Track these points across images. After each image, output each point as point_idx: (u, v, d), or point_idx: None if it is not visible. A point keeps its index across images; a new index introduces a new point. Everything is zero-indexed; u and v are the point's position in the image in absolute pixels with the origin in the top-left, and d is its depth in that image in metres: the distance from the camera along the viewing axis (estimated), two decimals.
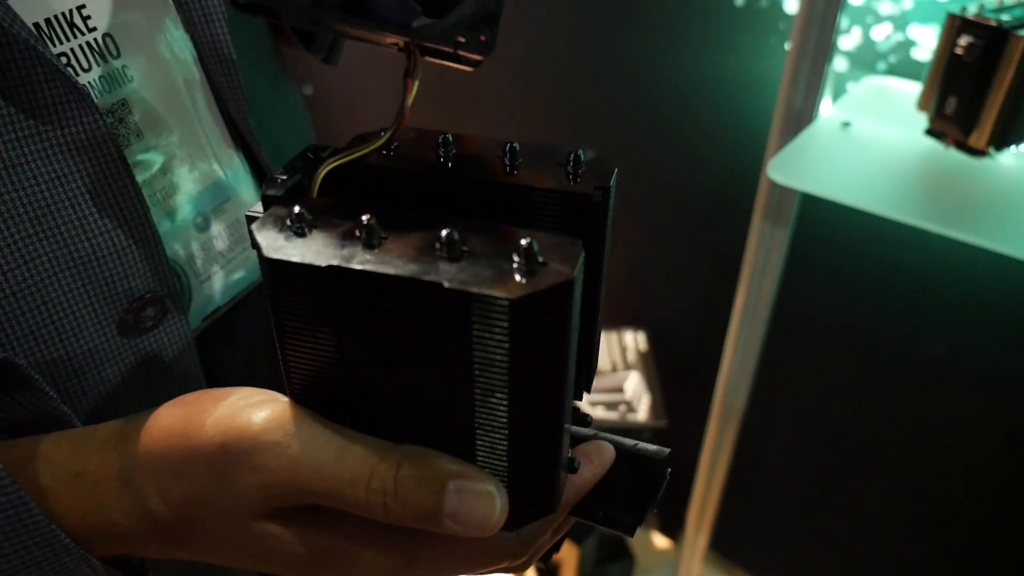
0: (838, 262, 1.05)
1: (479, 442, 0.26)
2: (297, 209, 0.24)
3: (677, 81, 1.12)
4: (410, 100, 0.29)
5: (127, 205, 0.34)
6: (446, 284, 0.22)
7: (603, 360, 1.33)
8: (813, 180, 0.69)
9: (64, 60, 0.32)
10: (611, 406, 1.25)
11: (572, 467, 0.31)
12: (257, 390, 0.28)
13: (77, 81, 0.31)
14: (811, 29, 0.74)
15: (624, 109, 1.24)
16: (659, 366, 1.33)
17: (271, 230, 0.25)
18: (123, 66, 0.34)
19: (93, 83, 0.33)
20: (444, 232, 0.23)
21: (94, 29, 0.33)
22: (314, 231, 0.25)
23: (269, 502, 0.27)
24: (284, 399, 0.28)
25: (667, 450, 0.34)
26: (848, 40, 0.95)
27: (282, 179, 0.28)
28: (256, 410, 0.27)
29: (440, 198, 0.29)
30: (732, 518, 1.35)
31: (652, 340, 1.37)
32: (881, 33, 0.92)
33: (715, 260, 1.21)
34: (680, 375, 1.36)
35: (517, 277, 0.22)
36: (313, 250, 0.24)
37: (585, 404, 1.27)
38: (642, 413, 1.23)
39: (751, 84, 1.01)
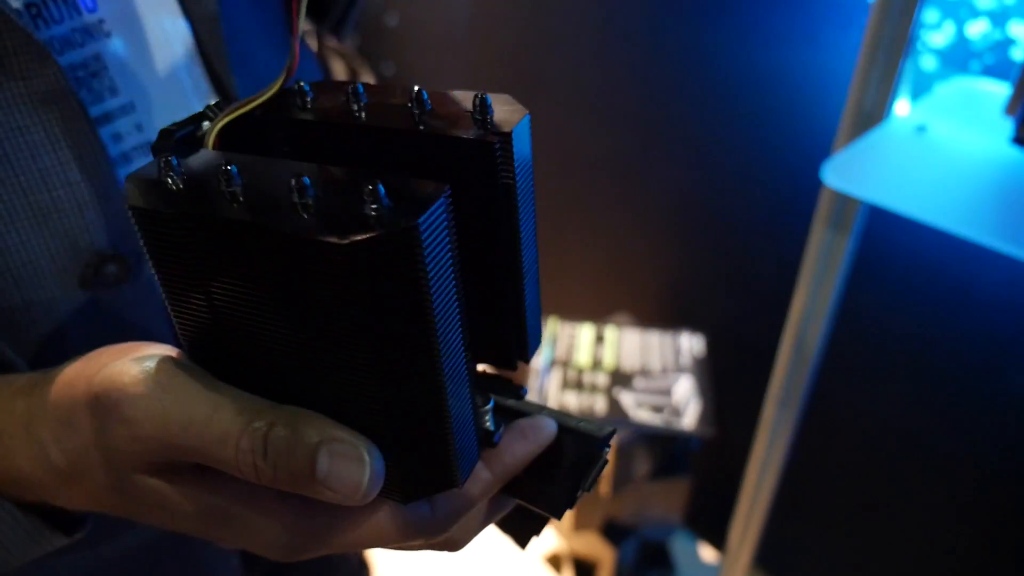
0: (909, 279, 0.97)
1: (359, 406, 0.25)
2: (169, 160, 0.24)
3: (747, 73, 1.06)
4: (296, 43, 0.27)
5: (90, 160, 0.34)
6: (286, 230, 0.21)
7: (654, 360, 1.29)
8: (871, 186, 0.64)
9: (33, 11, 0.32)
10: (656, 409, 1.20)
11: (491, 441, 0.30)
12: (158, 345, 0.28)
13: (33, 34, 0.30)
14: (888, 21, 0.68)
15: (688, 100, 1.19)
16: (714, 372, 1.28)
17: (143, 180, 0.24)
18: (99, 20, 0.34)
19: (67, 36, 0.33)
20: (294, 179, 0.22)
21: None
22: (186, 182, 0.24)
23: (144, 456, 0.26)
24: (173, 352, 0.27)
25: (610, 429, 0.32)
26: (939, 36, 0.87)
27: (177, 132, 0.27)
28: (136, 362, 0.26)
29: (350, 149, 0.28)
30: (779, 534, 1.29)
31: (710, 344, 1.31)
32: (977, 30, 0.84)
33: (777, 265, 1.14)
34: (735, 383, 1.30)
35: (361, 223, 0.21)
36: (172, 199, 0.23)
37: (630, 405, 1.24)
38: (689, 419, 1.19)
39: (824, 80, 0.94)
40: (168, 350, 0.28)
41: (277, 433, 0.24)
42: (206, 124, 0.28)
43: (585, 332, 1.36)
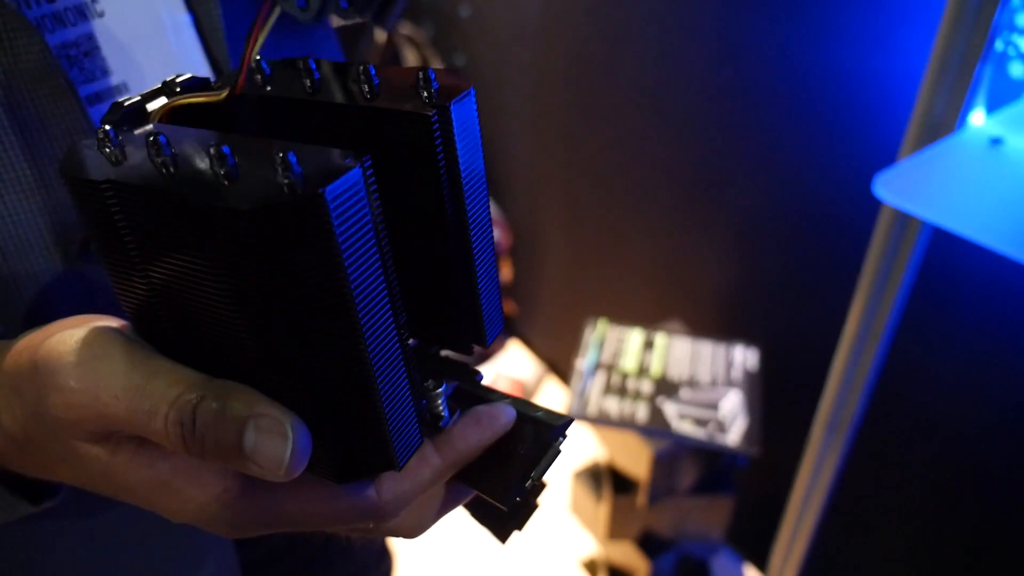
0: (976, 303, 0.90)
1: (286, 383, 0.25)
2: (107, 130, 0.24)
3: (815, 76, 1.01)
4: (253, 52, 0.27)
5: (78, 137, 0.34)
6: (189, 198, 0.22)
7: (703, 372, 1.24)
8: (927, 202, 0.59)
9: None
10: (700, 422, 1.16)
11: (437, 425, 0.29)
12: (109, 317, 0.28)
13: (18, 11, 0.31)
14: (962, 22, 0.62)
15: (754, 104, 1.13)
16: (767, 389, 1.22)
17: (83, 151, 0.25)
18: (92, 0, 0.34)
19: (58, 14, 0.33)
20: (213, 148, 0.22)
21: None
22: (120, 149, 0.24)
23: (81, 424, 0.26)
24: (116, 324, 0.27)
25: (567, 418, 0.31)
26: None
27: (124, 107, 0.27)
28: (75, 331, 0.26)
29: (300, 125, 0.28)
30: (823, 559, 1.23)
31: (764, 359, 1.26)
32: None
33: (840, 281, 1.08)
34: (787, 402, 1.25)
35: (268, 191, 0.21)
36: (105, 166, 0.24)
37: (673, 416, 1.20)
38: (733, 435, 1.14)
39: (896, 86, 0.88)
40: (115, 322, 0.28)
41: (206, 406, 0.24)
42: (163, 99, 0.28)
43: (634, 337, 1.32)
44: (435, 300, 0.30)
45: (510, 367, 1.96)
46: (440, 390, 0.30)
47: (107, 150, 0.24)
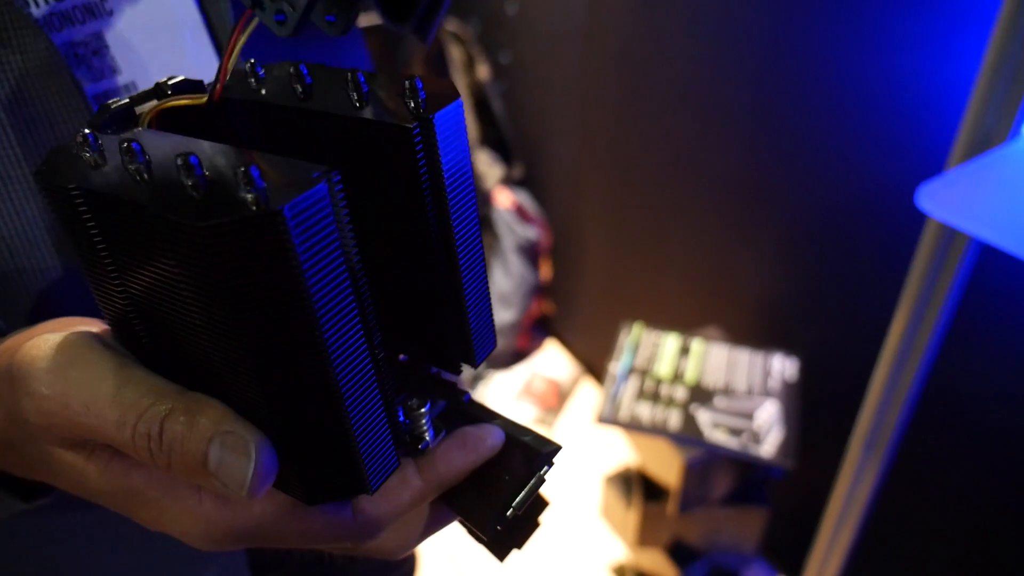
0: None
1: (253, 401, 0.24)
2: (86, 134, 0.23)
3: (863, 83, 0.97)
4: (230, 61, 0.27)
5: None
6: (149, 208, 0.21)
7: (739, 380, 1.21)
8: (973, 215, 0.55)
9: None
10: (734, 432, 1.13)
11: (417, 448, 0.28)
12: (92, 321, 0.28)
13: (23, 10, 0.31)
14: (1018, 28, 0.59)
15: (801, 110, 1.10)
16: (805, 400, 1.19)
17: (59, 153, 0.24)
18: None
19: (66, 12, 0.33)
20: (180, 158, 0.21)
21: None
22: (97, 154, 0.24)
23: (54, 431, 0.26)
24: (95, 329, 0.27)
25: (555, 446, 0.30)
26: None
27: (112, 108, 0.27)
28: (50, 336, 0.26)
29: (287, 131, 0.27)
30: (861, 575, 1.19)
31: (803, 370, 1.22)
32: None
33: (884, 293, 1.04)
34: (826, 415, 1.21)
35: (227, 206, 0.20)
36: (79, 173, 0.23)
37: (706, 424, 1.18)
38: (768, 447, 1.11)
39: (947, 95, 0.84)
40: (97, 327, 0.27)
41: (174, 419, 0.24)
42: (154, 101, 0.27)
43: (670, 342, 1.30)
44: (422, 317, 0.29)
45: (546, 367, 1.95)
46: (424, 410, 0.29)
47: (86, 154, 0.23)
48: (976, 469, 1.02)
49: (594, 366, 1.92)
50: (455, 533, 0.33)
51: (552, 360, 1.98)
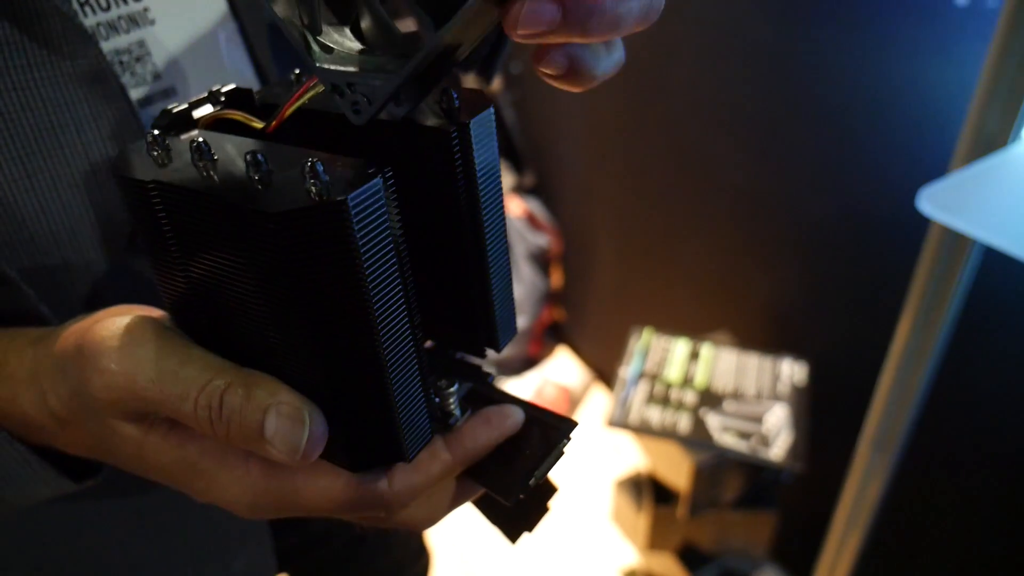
0: None
1: (307, 375, 0.27)
2: (155, 134, 0.26)
3: (866, 90, 0.99)
4: (286, 114, 0.29)
5: (128, 137, 0.36)
6: (226, 198, 0.23)
7: (748, 384, 1.23)
8: (975, 218, 0.57)
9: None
10: (743, 435, 1.14)
11: (447, 421, 0.31)
12: (150, 308, 0.30)
13: (76, 18, 0.33)
14: (1018, 32, 0.60)
15: (807, 118, 1.11)
16: (814, 404, 1.20)
17: (131, 152, 0.27)
18: (144, 8, 0.36)
19: (112, 22, 0.35)
20: (248, 155, 0.23)
21: None
22: (167, 153, 0.26)
23: (118, 404, 0.28)
24: (156, 314, 0.29)
25: (573, 422, 0.33)
26: None
27: (173, 112, 0.29)
28: (118, 319, 0.28)
29: (334, 135, 0.30)
30: None
31: (812, 374, 1.23)
32: None
33: (891, 297, 1.05)
34: (835, 418, 1.22)
35: (296, 196, 0.23)
36: (151, 169, 0.25)
37: (715, 427, 1.18)
38: (777, 450, 1.12)
39: (950, 99, 0.86)
40: (156, 313, 0.30)
41: (233, 392, 0.26)
42: (209, 107, 0.29)
43: (680, 347, 1.31)
44: (451, 304, 0.32)
45: (557, 374, 1.96)
46: (452, 389, 0.31)
47: (155, 153, 0.26)
48: (984, 470, 1.02)
49: (605, 372, 1.93)
50: (466, 534, 0.35)
51: (563, 367, 2.00)
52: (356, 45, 0.26)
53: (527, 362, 1.99)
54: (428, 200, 0.29)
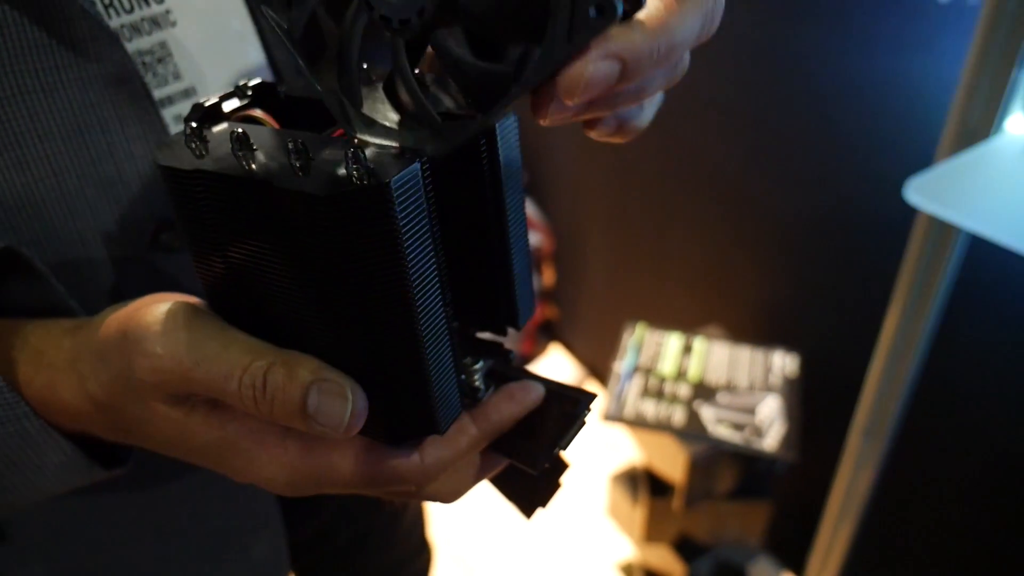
0: (1014, 312, 0.89)
1: (347, 352, 0.28)
2: (193, 127, 0.27)
3: (852, 84, 1.01)
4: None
5: (152, 137, 0.38)
6: (275, 183, 0.24)
7: (741, 376, 1.25)
8: (960, 208, 0.59)
9: (106, 2, 0.36)
10: (737, 427, 1.17)
11: (475, 396, 0.33)
12: (185, 295, 0.31)
13: (103, 21, 0.34)
14: (999, 27, 0.62)
15: (793, 112, 1.14)
16: (806, 395, 1.22)
17: (171, 146, 0.28)
18: (166, 11, 0.38)
19: (135, 24, 0.37)
20: (291, 143, 0.25)
21: None
22: (205, 144, 0.27)
23: (163, 387, 0.29)
24: (194, 300, 0.30)
25: (591, 394, 0.34)
26: None
27: (205, 106, 0.30)
28: (160, 305, 0.29)
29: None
30: (862, 568, 1.22)
31: (804, 365, 1.25)
32: None
33: (879, 288, 1.08)
34: (827, 408, 1.24)
35: (342, 180, 0.24)
36: (191, 159, 0.27)
37: (710, 419, 1.20)
38: (770, 440, 1.14)
39: (934, 93, 0.88)
40: (189, 298, 0.31)
41: (275, 371, 0.27)
42: (236, 101, 0.31)
43: (673, 341, 1.33)
44: (474, 284, 0.33)
45: (550, 371, 1.98)
46: (478, 366, 0.33)
47: (193, 144, 0.27)
48: (973, 456, 1.05)
49: (598, 369, 1.95)
50: (464, 535, 0.36)
51: (556, 364, 2.01)
52: (395, 116, 0.27)
53: (520, 360, 2.00)
54: (454, 186, 0.30)
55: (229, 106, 0.30)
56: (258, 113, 0.31)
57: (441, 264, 0.27)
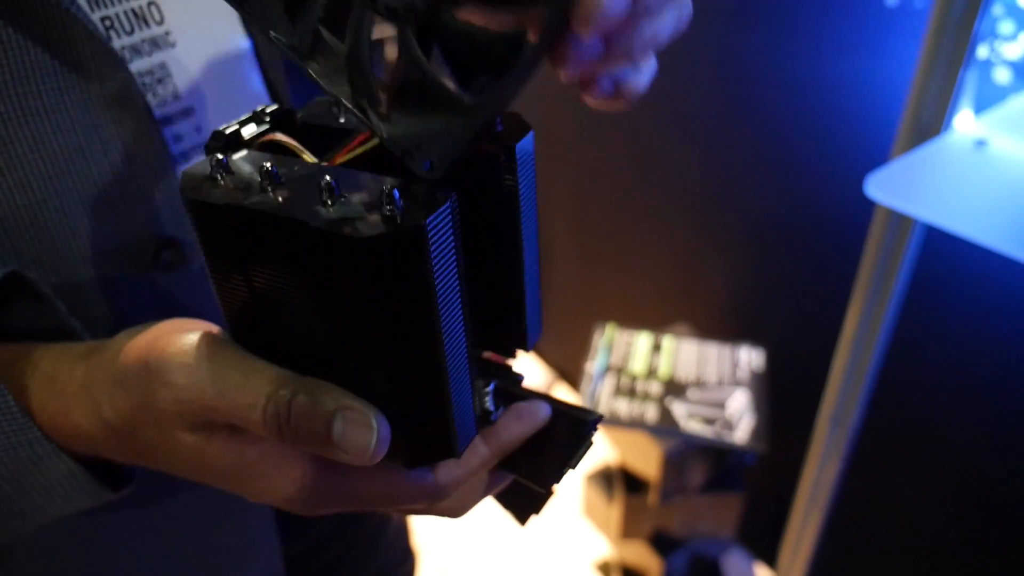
0: (970, 298, 0.94)
1: (371, 382, 0.28)
2: (219, 158, 0.27)
3: (808, 86, 1.05)
4: (340, 159, 0.30)
5: (154, 156, 0.38)
6: (310, 223, 0.25)
7: (710, 372, 1.28)
8: (917, 201, 0.63)
9: (107, 23, 0.36)
10: (708, 421, 1.20)
11: (488, 419, 0.33)
12: (202, 322, 0.31)
13: (107, 42, 0.35)
14: (945, 31, 0.66)
15: (752, 114, 1.18)
16: (773, 388, 1.26)
17: (196, 175, 0.28)
18: (166, 32, 0.38)
19: (136, 45, 0.37)
20: (323, 180, 0.25)
21: None
22: (232, 176, 0.27)
23: (185, 416, 0.29)
24: (214, 329, 0.31)
25: (597, 415, 0.35)
26: (1014, 48, 0.84)
27: (227, 133, 0.30)
28: (181, 335, 0.30)
29: (381, 153, 0.30)
30: (832, 554, 1.26)
31: (770, 359, 1.29)
32: None
33: (839, 281, 1.12)
34: (794, 400, 1.28)
35: (374, 221, 0.24)
36: (219, 192, 0.27)
37: (682, 415, 1.23)
38: (741, 433, 1.17)
39: (887, 93, 0.92)
40: (210, 327, 0.31)
41: (299, 400, 0.28)
42: (253, 127, 0.31)
43: (642, 340, 1.36)
44: (487, 307, 0.34)
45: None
46: (488, 388, 0.34)
47: (218, 176, 0.27)
48: (936, 442, 1.09)
49: (567, 372, 1.97)
50: (445, 542, 0.38)
51: (525, 368, 2.03)
52: (416, 110, 0.27)
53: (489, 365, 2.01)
54: (471, 213, 0.30)
55: (248, 131, 0.30)
56: (280, 137, 0.31)
57: (465, 295, 0.28)
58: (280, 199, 0.26)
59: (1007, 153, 0.70)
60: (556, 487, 0.39)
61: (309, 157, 0.30)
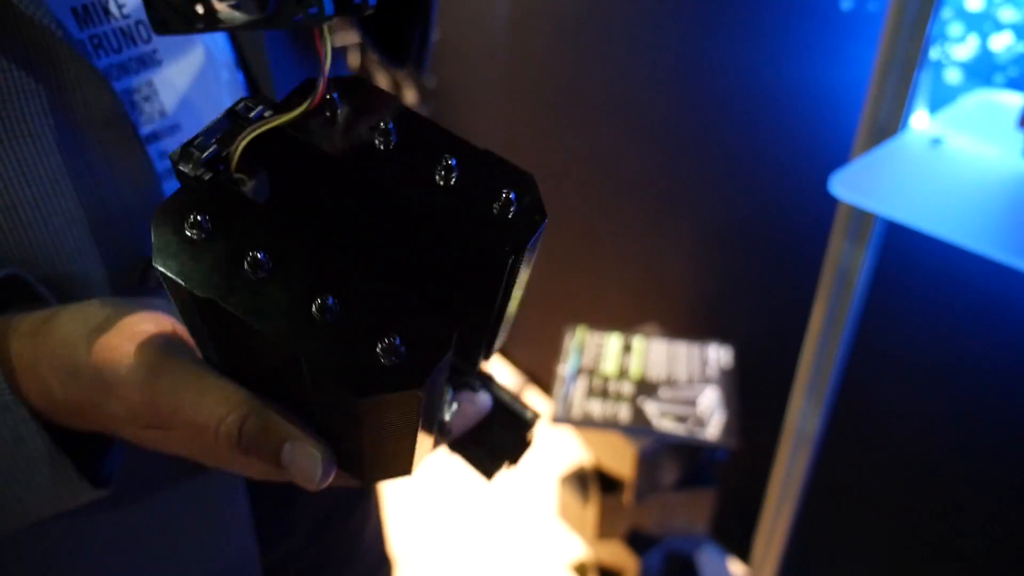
0: (931, 292, 0.97)
1: (330, 432, 0.29)
2: (197, 217, 0.24)
3: (770, 87, 1.08)
4: (326, 66, 0.27)
5: (140, 176, 0.38)
6: (303, 361, 0.24)
7: (680, 371, 1.30)
8: (879, 198, 0.65)
9: (95, 42, 0.36)
10: (680, 419, 1.22)
11: (443, 430, 0.35)
12: (155, 317, 0.31)
13: (93, 64, 0.35)
14: (900, 34, 0.69)
15: (714, 115, 1.20)
16: (742, 384, 1.29)
17: (168, 228, 0.25)
18: (153, 51, 0.38)
19: (123, 64, 0.37)
20: (319, 299, 0.24)
21: (127, 16, 0.37)
22: (210, 239, 0.25)
23: (138, 422, 0.30)
24: (169, 328, 0.31)
25: (536, 414, 0.37)
26: (963, 49, 0.88)
27: (198, 153, 0.26)
28: (137, 346, 0.30)
29: (362, 189, 0.28)
30: (804, 547, 1.29)
31: (738, 356, 1.32)
32: (1001, 43, 0.85)
33: (803, 277, 1.15)
34: (762, 395, 1.31)
35: (374, 376, 0.23)
36: (198, 270, 0.24)
37: (654, 414, 1.24)
38: (712, 429, 1.20)
39: (846, 94, 0.96)
40: (164, 325, 0.31)
41: (251, 423, 0.28)
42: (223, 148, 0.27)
43: (613, 341, 1.38)
44: (461, 342, 0.33)
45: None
46: (448, 397, 0.34)
47: (192, 233, 0.24)
48: (903, 433, 1.13)
49: (537, 375, 1.98)
50: (420, 547, 0.40)
51: (495, 372, 2.03)
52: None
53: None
54: (462, 275, 0.29)
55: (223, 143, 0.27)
56: (276, 121, 0.27)
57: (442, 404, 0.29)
58: (267, 299, 0.24)
59: (961, 150, 0.73)
60: (531, 435, 0.40)
61: (285, 117, 0.27)
